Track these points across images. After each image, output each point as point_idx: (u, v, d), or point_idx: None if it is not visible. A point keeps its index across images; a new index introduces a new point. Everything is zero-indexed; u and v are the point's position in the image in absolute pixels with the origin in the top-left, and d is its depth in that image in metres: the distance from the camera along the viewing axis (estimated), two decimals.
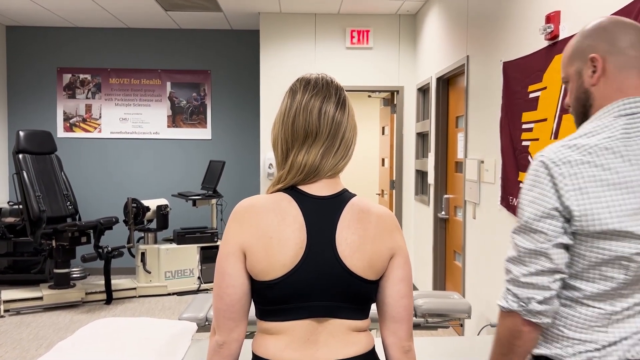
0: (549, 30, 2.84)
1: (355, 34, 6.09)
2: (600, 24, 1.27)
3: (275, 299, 1.25)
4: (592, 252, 1.18)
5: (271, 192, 1.31)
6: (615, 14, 2.31)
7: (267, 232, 1.23)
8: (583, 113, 1.31)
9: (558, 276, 1.19)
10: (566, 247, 1.19)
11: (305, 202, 1.27)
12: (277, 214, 1.25)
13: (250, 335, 2.94)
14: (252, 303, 1.31)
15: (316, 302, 1.25)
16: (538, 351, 1.28)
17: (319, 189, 1.30)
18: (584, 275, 1.21)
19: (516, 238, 1.23)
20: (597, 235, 1.17)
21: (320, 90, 1.31)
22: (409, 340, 1.34)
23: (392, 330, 1.34)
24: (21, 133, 5.58)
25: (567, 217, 1.18)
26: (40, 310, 5.40)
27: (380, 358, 1.37)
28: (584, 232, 1.17)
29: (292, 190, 1.29)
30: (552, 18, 2.83)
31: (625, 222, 1.14)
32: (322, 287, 1.25)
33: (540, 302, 1.19)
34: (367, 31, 6.09)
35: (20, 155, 5.50)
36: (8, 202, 6.66)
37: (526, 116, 3.16)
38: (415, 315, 3.44)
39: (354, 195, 1.34)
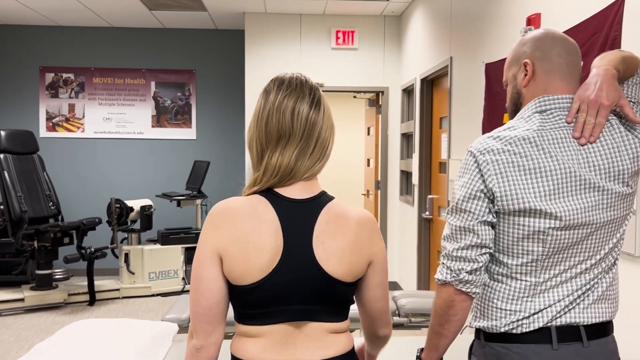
0: (529, 32, 2.87)
1: (340, 34, 6.11)
2: (535, 35, 1.46)
3: (253, 303, 1.24)
4: (513, 229, 1.34)
5: (247, 195, 1.29)
6: (592, 17, 2.34)
7: (243, 237, 1.22)
8: (515, 111, 1.49)
9: (484, 250, 1.34)
10: (491, 225, 1.35)
11: (282, 206, 1.26)
12: (254, 218, 1.23)
13: (228, 336, 2.93)
14: (230, 305, 1.30)
15: (294, 305, 1.25)
16: (477, 324, 1.42)
17: (295, 191, 1.28)
18: (508, 250, 1.36)
19: (449, 218, 1.39)
20: (516, 213, 1.32)
21: (294, 90, 1.29)
22: (385, 328, 1.44)
23: (368, 323, 1.45)
24: (2, 133, 5.51)
25: (491, 198, 1.33)
26: (22, 312, 5.33)
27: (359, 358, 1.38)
28: (504, 210, 1.32)
29: (269, 193, 1.27)
30: (533, 20, 2.86)
31: (538, 202, 1.30)
32: (300, 291, 1.25)
33: (469, 273, 1.33)
34: (352, 32, 6.11)
35: (2, 155, 5.43)
36: None
37: (507, 117, 3.19)
38: (399, 315, 3.45)
39: (332, 198, 1.32)
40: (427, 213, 5.03)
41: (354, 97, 7.32)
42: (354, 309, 1.37)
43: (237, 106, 6.95)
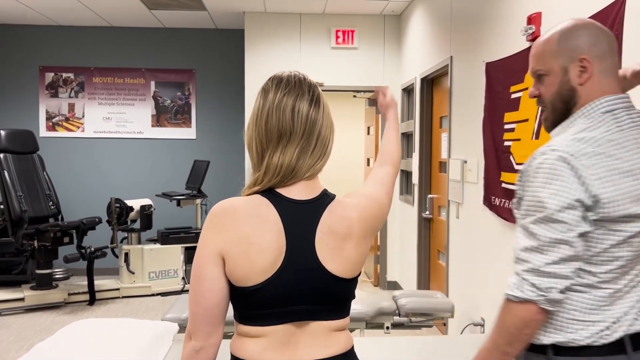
0: (530, 31, 2.87)
1: (340, 34, 6.10)
2: (586, 26, 1.35)
3: (255, 305, 1.23)
4: (609, 236, 1.26)
5: (247, 194, 1.27)
6: (593, 16, 2.34)
7: (246, 238, 1.20)
8: (564, 109, 1.37)
9: (577, 264, 1.25)
10: (583, 236, 1.25)
11: (284, 207, 1.24)
12: (256, 219, 1.22)
13: (227, 336, 2.93)
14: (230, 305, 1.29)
15: (296, 306, 1.24)
16: (548, 340, 1.30)
17: (297, 192, 1.27)
18: (595, 259, 1.27)
19: (535, 229, 1.26)
20: (620, 219, 1.25)
21: (293, 88, 1.27)
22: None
23: None
24: (2, 132, 5.51)
25: (590, 206, 1.24)
26: (22, 312, 5.33)
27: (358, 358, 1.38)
28: (609, 217, 1.24)
29: (270, 194, 1.26)
30: (534, 19, 2.86)
31: (636, 206, 1.25)
32: (303, 292, 1.24)
33: (561, 292, 1.24)
34: (352, 31, 6.10)
35: (2, 155, 5.43)
36: None
37: (508, 116, 3.19)
38: (399, 315, 3.45)
39: (334, 197, 1.31)
40: (427, 212, 5.02)
41: (354, 96, 7.31)
42: (354, 308, 1.37)
43: (237, 105, 6.95)
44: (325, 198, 1.29)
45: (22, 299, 5.36)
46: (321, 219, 1.26)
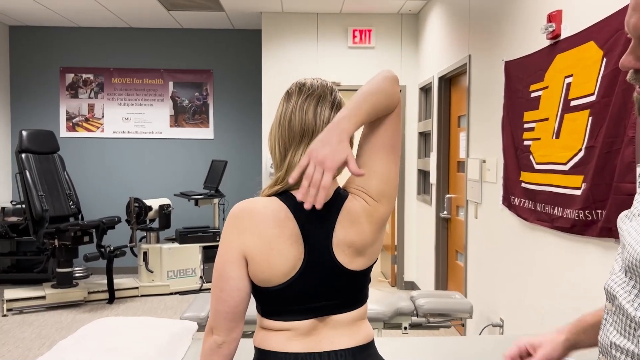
0: (550, 29, 2.84)
1: (357, 33, 6.09)
2: None
3: (277, 302, 1.28)
4: None
5: (267, 195, 1.30)
6: (615, 13, 2.31)
7: (267, 244, 1.24)
8: None
9: None
10: None
11: (302, 212, 1.25)
12: (276, 225, 1.24)
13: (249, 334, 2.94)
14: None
15: (318, 303, 1.28)
16: None
17: None
18: None
19: None
20: None
21: (316, 91, 1.31)
22: None
23: None
24: (24, 133, 5.59)
25: None
26: (43, 310, 5.41)
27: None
28: None
29: (287, 198, 1.27)
30: (554, 17, 2.83)
31: None
32: (324, 290, 1.28)
33: None
34: (369, 30, 6.09)
35: (23, 155, 5.51)
36: (11, 202, 6.66)
37: (528, 115, 3.15)
38: (417, 315, 3.43)
39: (347, 195, 1.31)
40: (445, 212, 4.99)
41: None
42: (371, 308, 1.37)
43: (254, 105, 6.97)
44: (340, 198, 1.30)
45: (43, 297, 5.43)
46: (338, 219, 1.28)
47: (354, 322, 1.32)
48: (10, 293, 5.39)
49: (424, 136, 5.86)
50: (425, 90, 5.83)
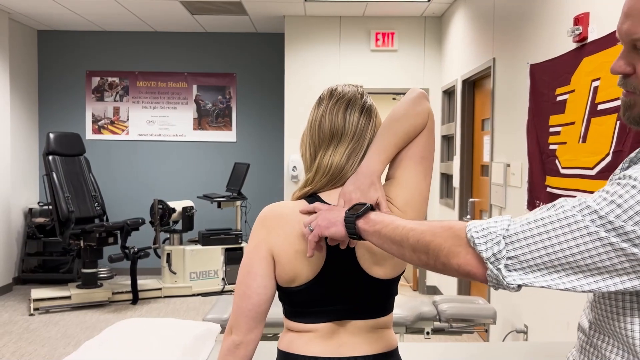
0: (577, 32, 2.80)
1: (380, 36, 6.08)
2: None
3: (299, 303, 1.29)
4: None
5: (297, 197, 1.33)
6: None
7: (293, 245, 1.26)
8: None
9: None
10: None
11: None
12: (301, 227, 1.26)
13: (272, 337, 2.95)
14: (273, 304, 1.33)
15: (338, 306, 1.29)
16: None
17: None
18: None
19: None
20: None
21: (346, 95, 1.33)
22: None
23: None
24: (51, 135, 5.69)
25: None
26: (69, 309, 5.49)
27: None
28: None
29: (314, 200, 1.30)
30: (581, 20, 2.79)
31: None
32: (344, 294, 1.28)
33: None
34: (392, 33, 6.07)
35: (50, 157, 5.61)
36: (38, 203, 6.80)
37: (554, 119, 3.11)
38: (440, 320, 3.40)
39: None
40: (468, 217, 4.95)
41: (393, 98, 7.27)
42: (394, 313, 1.36)
43: (277, 109, 7.00)
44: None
45: (68, 297, 5.52)
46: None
47: (374, 329, 1.31)
48: (37, 293, 5.49)
49: (447, 139, 5.82)
50: (449, 93, 5.79)
